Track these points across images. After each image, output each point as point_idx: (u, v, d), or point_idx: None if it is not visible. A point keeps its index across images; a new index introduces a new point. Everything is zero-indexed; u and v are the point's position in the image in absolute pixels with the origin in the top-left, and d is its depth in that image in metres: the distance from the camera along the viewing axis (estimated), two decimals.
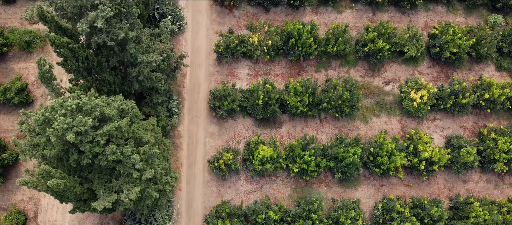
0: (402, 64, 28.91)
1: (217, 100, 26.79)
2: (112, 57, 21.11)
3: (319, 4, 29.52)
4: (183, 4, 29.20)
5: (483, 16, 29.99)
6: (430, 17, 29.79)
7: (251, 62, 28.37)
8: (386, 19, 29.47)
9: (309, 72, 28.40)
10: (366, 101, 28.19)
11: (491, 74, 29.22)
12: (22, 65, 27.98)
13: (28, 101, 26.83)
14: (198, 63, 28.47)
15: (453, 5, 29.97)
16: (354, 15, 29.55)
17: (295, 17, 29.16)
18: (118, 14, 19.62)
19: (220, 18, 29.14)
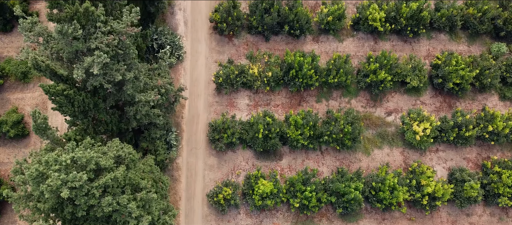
0: (405, 94, 28.47)
1: (217, 133, 26.34)
2: (109, 97, 20.68)
3: (320, 33, 29.10)
4: (182, 33, 28.79)
5: (487, 44, 29.57)
6: (432, 45, 29.37)
7: (251, 92, 27.94)
8: (388, 47, 29.07)
9: (310, 102, 27.97)
10: (368, 132, 27.74)
11: (495, 103, 28.79)
12: (18, 95, 27.55)
13: (24, 134, 26.39)
14: (197, 93, 28.04)
15: (456, 33, 29.55)
16: (356, 43, 29.13)
17: (296, 46, 28.75)
18: (115, 56, 19.21)
19: (220, 47, 28.73)
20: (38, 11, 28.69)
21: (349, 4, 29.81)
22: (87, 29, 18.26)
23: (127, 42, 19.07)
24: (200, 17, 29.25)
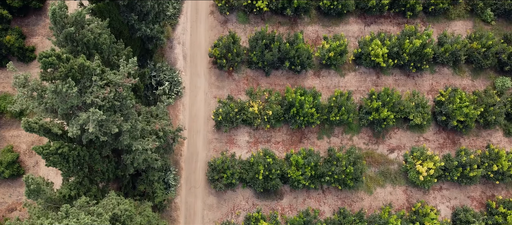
0: (408, 130, 27.95)
1: (216, 173, 25.81)
2: (105, 146, 20.16)
3: (321, 67, 28.60)
4: (181, 67, 28.30)
5: (491, 78, 29.07)
6: (435, 79, 28.86)
7: (251, 128, 27.42)
8: (391, 82, 28.56)
9: (311, 139, 27.44)
10: (370, 170, 27.20)
11: (499, 140, 28.26)
12: (14, 132, 27.03)
13: (19, 173, 25.86)
14: (196, 129, 27.52)
15: (460, 67, 29.05)
16: (358, 78, 28.63)
17: (297, 81, 28.24)
18: (112, 107, 18.70)
19: (219, 81, 28.22)
20: (34, 45, 28.21)
21: (351, 38, 29.32)
22: (83, 83, 17.76)
23: (124, 93, 18.57)
24: (199, 51, 28.77)
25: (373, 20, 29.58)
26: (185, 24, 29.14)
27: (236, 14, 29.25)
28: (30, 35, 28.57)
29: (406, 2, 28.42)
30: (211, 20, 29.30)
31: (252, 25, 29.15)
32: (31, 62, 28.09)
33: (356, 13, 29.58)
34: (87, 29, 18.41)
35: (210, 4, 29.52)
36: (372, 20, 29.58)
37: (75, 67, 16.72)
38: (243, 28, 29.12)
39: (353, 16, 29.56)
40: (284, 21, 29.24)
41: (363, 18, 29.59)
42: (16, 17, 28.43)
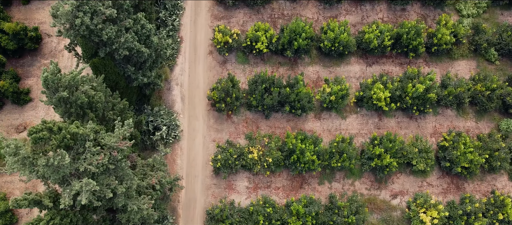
0: (411, 175, 27.31)
1: (214, 222, 25.13)
2: (99, 208, 19.50)
3: (322, 110, 28.01)
4: (179, 109, 27.70)
5: (495, 120, 28.49)
6: (439, 121, 28.27)
7: (250, 174, 26.78)
8: (393, 124, 27.96)
9: (312, 185, 26.79)
10: (372, 217, 26.52)
11: (504, 184, 27.62)
12: (7, 178, 26.37)
13: (12, 222, 25.17)
14: (194, 174, 26.87)
15: (464, 109, 28.46)
16: (359, 120, 28.03)
17: (297, 124, 27.64)
18: (106, 170, 18.07)
19: (218, 124, 27.62)
20: (29, 87, 27.60)
21: (352, 79, 28.76)
22: (76, 149, 17.15)
23: (119, 157, 17.95)
24: (197, 92, 28.19)
25: (375, 60, 29.04)
26: (183, 65, 28.58)
27: (236, 54, 28.71)
28: (25, 76, 27.99)
29: (408, 43, 27.89)
30: (210, 60, 28.75)
31: (252, 66, 28.60)
32: (26, 105, 27.48)
33: (358, 53, 29.04)
34: (81, 91, 17.82)
35: (209, 43, 28.98)
36: (374, 60, 29.05)
37: (68, 137, 16.11)
38: (243, 69, 28.56)
39: (354, 56, 29.03)
40: (284, 61, 28.70)
41: (365, 58, 29.05)
42: (11, 58, 27.87)
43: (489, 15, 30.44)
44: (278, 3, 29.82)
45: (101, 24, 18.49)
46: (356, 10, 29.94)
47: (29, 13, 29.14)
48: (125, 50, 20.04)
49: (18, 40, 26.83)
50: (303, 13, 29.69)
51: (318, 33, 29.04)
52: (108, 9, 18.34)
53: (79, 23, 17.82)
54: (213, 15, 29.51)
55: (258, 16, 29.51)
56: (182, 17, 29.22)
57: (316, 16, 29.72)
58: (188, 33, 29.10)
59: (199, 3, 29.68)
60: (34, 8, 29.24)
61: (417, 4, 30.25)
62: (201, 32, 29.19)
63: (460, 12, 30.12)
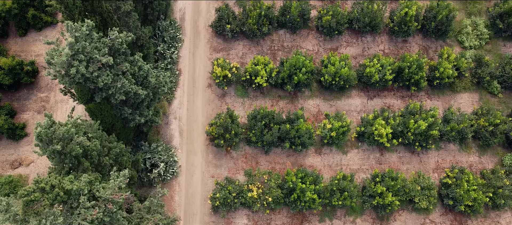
0: (413, 212, 26.78)
1: None
2: None
3: (322, 144, 27.54)
4: (177, 144, 27.23)
5: (499, 155, 28.01)
6: (441, 156, 27.79)
7: (250, 211, 26.25)
8: (395, 159, 27.48)
9: (313, 222, 26.25)
10: None
11: (509, 220, 27.09)
12: None
13: None
14: (193, 211, 26.34)
15: (466, 144, 28.00)
16: (361, 155, 27.56)
17: (297, 159, 27.16)
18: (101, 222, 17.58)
19: (217, 159, 27.13)
20: (25, 122, 27.18)
21: (353, 112, 28.32)
22: (69, 204, 16.67)
23: (114, 209, 17.47)
24: (196, 126, 27.74)
25: (376, 93, 28.64)
26: (182, 98, 28.17)
27: (235, 87, 28.31)
28: (21, 110, 27.57)
29: (410, 77, 27.50)
30: (208, 94, 28.33)
31: (251, 99, 28.18)
32: (22, 140, 27.03)
33: (359, 86, 28.64)
34: (76, 143, 17.37)
35: (208, 76, 28.59)
36: (375, 93, 28.64)
37: (61, 194, 15.64)
38: (242, 102, 28.14)
39: (355, 89, 28.63)
40: (284, 94, 28.28)
41: (366, 91, 28.65)
42: (7, 92, 27.47)
43: (492, 47, 30.08)
44: (278, 35, 29.47)
45: (97, 71, 18.09)
46: (357, 42, 29.59)
47: (26, 45, 28.79)
48: (121, 95, 19.63)
49: (14, 74, 26.45)
50: (303, 45, 29.33)
51: (318, 66, 28.66)
52: (105, 57, 17.95)
53: (74, 72, 17.41)
54: (212, 47, 29.15)
55: (258, 48, 29.15)
56: (181, 50, 28.86)
57: (317, 48, 29.36)
58: (187, 65, 28.73)
59: (198, 35, 29.34)
60: (31, 40, 28.89)
61: (418, 36, 29.90)
62: (200, 64, 28.82)
63: (462, 44, 29.77)
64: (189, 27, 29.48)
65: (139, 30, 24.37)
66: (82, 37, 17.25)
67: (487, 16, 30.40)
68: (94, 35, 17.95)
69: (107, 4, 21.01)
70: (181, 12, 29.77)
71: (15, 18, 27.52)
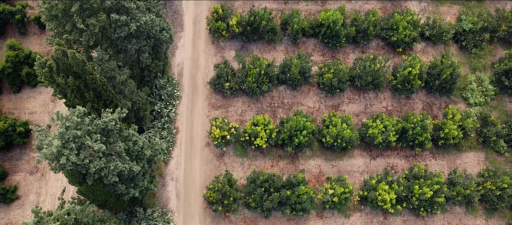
0: None
1: None
2: None
3: (324, 207, 26.61)
4: (174, 207, 26.28)
5: (506, 218, 27.05)
6: (447, 220, 26.85)
7: None
8: (399, 223, 26.53)
9: None
10: None
11: None
12: None
13: None
14: None
15: (473, 207, 27.07)
16: (363, 219, 26.60)
17: (298, 223, 26.19)
18: None
19: (215, 223, 26.16)
20: (16, 184, 26.28)
21: (356, 173, 27.45)
22: None
23: None
24: (193, 188, 26.84)
25: (379, 153, 27.82)
26: (179, 158, 27.32)
27: (234, 146, 27.49)
28: (13, 171, 26.69)
29: (414, 138, 26.71)
30: (206, 153, 27.51)
31: (251, 159, 27.33)
32: (13, 203, 26.10)
33: (361, 146, 27.83)
34: None
35: (206, 135, 27.81)
36: (378, 153, 27.82)
37: None
38: (241, 162, 27.29)
39: (358, 149, 27.81)
40: (284, 155, 27.45)
41: (369, 150, 27.83)
42: None
43: (497, 103, 29.37)
44: (278, 91, 28.77)
45: (88, 157, 17.29)
46: (359, 99, 28.88)
47: (19, 102, 28.08)
48: (114, 177, 18.80)
49: (6, 136, 25.67)
50: (304, 101, 28.60)
51: (319, 125, 27.88)
52: (96, 144, 17.16)
53: (64, 160, 16.61)
54: (211, 104, 28.43)
55: (257, 104, 28.42)
56: (179, 107, 28.12)
57: (318, 104, 28.63)
58: (185, 123, 27.96)
59: (196, 91, 28.64)
60: (25, 97, 28.19)
61: (422, 92, 29.20)
62: (198, 122, 28.06)
63: (467, 100, 29.06)
64: (187, 83, 28.79)
65: (135, 95, 23.70)
66: (73, 126, 16.49)
67: (492, 71, 29.76)
68: (86, 120, 17.18)
69: (102, 77, 20.34)
70: (179, 67, 29.12)
71: (9, 77, 26.87)
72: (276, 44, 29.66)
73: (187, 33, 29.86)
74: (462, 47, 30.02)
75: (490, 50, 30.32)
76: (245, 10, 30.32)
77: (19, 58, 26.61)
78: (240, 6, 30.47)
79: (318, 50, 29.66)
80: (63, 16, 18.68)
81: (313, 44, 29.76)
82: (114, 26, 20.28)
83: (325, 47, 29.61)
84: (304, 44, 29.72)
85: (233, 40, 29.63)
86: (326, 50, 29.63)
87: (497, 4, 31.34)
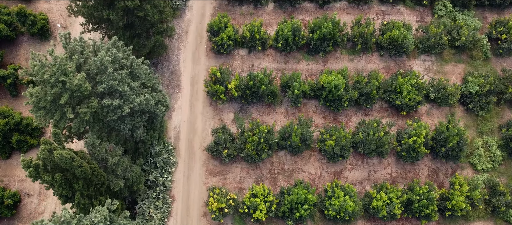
0: None
1: None
2: None
3: None
4: None
5: None
6: None
7: None
8: None
9: None
10: None
11: None
12: None
13: None
14: None
15: None
16: None
17: None
18: None
19: None
20: None
21: None
22: None
23: None
24: None
25: (383, 224, 26.60)
26: None
27: (232, 218, 26.30)
28: None
29: (420, 210, 25.54)
30: (203, 224, 26.30)
31: None
32: None
33: (365, 217, 26.64)
34: None
35: (202, 204, 26.65)
36: (383, 224, 26.61)
37: None
38: None
39: (361, 219, 26.63)
40: None
41: (373, 221, 26.64)
42: None
43: (506, 168, 28.28)
44: (278, 157, 27.71)
45: None
46: (362, 165, 27.80)
47: (9, 169, 27.00)
48: None
49: None
50: (305, 168, 27.51)
51: (321, 194, 26.74)
52: None
53: None
54: (208, 170, 27.34)
55: (257, 171, 27.33)
56: (175, 173, 27.04)
57: (319, 171, 27.54)
58: (181, 191, 26.84)
59: (193, 157, 27.58)
60: (15, 163, 27.12)
61: (427, 157, 28.12)
62: (194, 190, 26.93)
63: (474, 166, 27.97)
64: (183, 148, 27.76)
65: (128, 172, 22.64)
66: None
67: (500, 135, 28.75)
68: (73, 223, 16.07)
69: (92, 162, 19.30)
70: (175, 131, 28.12)
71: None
72: (276, 106, 28.72)
73: (185, 94, 28.95)
74: (469, 110, 29.07)
75: (497, 112, 29.35)
76: (244, 70, 29.47)
77: (9, 126, 25.63)
78: (239, 65, 29.62)
79: (319, 113, 28.69)
80: (52, 107, 17.73)
81: (314, 106, 28.82)
82: (106, 109, 19.32)
83: (327, 110, 28.66)
84: (305, 106, 28.78)
85: (231, 101, 28.71)
86: (327, 113, 28.67)
87: (503, 63, 30.52)
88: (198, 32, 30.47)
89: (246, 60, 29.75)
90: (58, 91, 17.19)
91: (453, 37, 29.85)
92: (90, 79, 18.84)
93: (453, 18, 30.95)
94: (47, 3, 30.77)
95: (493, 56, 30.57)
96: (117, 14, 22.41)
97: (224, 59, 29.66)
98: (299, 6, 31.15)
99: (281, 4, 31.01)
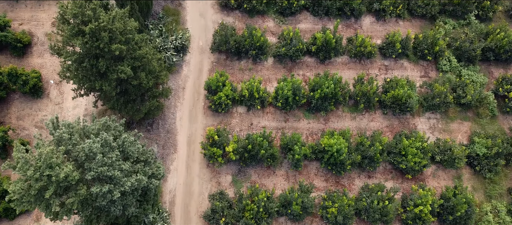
0: None
1: None
2: None
3: None
4: None
5: None
6: None
7: None
8: None
9: None
10: None
11: None
12: None
13: None
14: None
15: None
16: None
17: None
18: None
19: None
20: None
21: None
22: None
23: None
24: None
25: None
26: None
27: None
28: None
29: None
30: None
31: None
32: None
33: None
34: None
35: None
36: None
37: None
38: None
39: None
40: None
41: None
42: None
43: None
44: (278, 224, 26.47)
45: None
46: None
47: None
48: None
49: None
50: None
51: None
52: None
53: None
54: None
55: None
56: None
57: None
58: None
59: (190, 223, 26.33)
60: None
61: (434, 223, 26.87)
62: None
63: None
64: (179, 213, 26.56)
65: None
66: None
67: (509, 199, 27.58)
68: None
69: None
70: (171, 194, 26.96)
71: None
72: (276, 169, 27.61)
73: (181, 155, 27.87)
74: (476, 172, 27.95)
75: (506, 174, 28.23)
76: (243, 129, 28.44)
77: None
78: (237, 124, 28.60)
79: (321, 175, 27.57)
80: (36, 199, 16.65)
81: (316, 168, 27.71)
82: (95, 195, 18.21)
83: (329, 172, 27.54)
84: (306, 168, 27.67)
85: (229, 164, 27.60)
86: (329, 175, 27.54)
87: (510, 121, 29.51)
88: (195, 88, 29.54)
89: (245, 118, 28.75)
90: (43, 185, 16.13)
91: (458, 95, 28.93)
92: (78, 166, 17.79)
93: (458, 74, 30.07)
94: (40, 58, 29.90)
95: (500, 114, 29.61)
96: (109, 84, 21.49)
97: (222, 118, 28.66)
98: (300, 61, 30.28)
99: (281, 59, 30.14)
